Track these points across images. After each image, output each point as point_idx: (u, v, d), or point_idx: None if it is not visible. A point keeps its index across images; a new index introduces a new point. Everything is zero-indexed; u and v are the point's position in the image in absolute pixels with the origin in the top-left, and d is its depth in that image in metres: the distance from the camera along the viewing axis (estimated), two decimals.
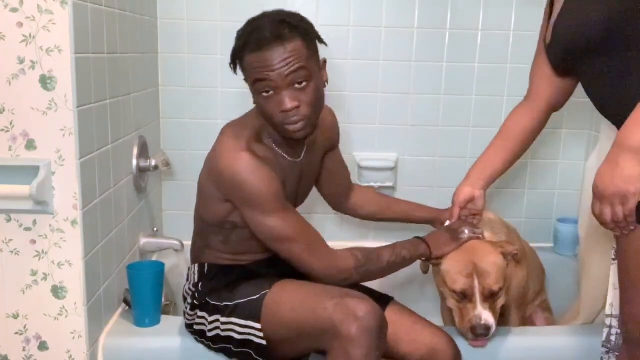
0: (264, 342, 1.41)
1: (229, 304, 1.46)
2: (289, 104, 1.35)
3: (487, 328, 1.51)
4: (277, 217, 1.41)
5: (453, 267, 1.55)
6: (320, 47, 1.64)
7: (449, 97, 2.26)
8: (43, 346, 1.51)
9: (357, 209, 1.87)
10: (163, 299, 1.72)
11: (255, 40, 1.35)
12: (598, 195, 1.20)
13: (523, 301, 1.82)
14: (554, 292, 2.06)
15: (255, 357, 1.44)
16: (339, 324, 1.29)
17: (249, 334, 1.42)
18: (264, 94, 1.37)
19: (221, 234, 1.53)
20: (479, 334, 1.51)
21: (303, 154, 1.56)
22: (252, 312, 1.42)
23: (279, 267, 1.57)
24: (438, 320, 1.80)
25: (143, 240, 1.97)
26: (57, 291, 1.48)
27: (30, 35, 1.36)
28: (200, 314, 1.52)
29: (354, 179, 2.25)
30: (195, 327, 1.54)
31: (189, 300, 1.56)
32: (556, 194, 2.37)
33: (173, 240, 1.99)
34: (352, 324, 1.28)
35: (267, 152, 1.47)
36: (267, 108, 1.38)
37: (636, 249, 1.26)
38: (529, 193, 2.36)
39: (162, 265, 1.71)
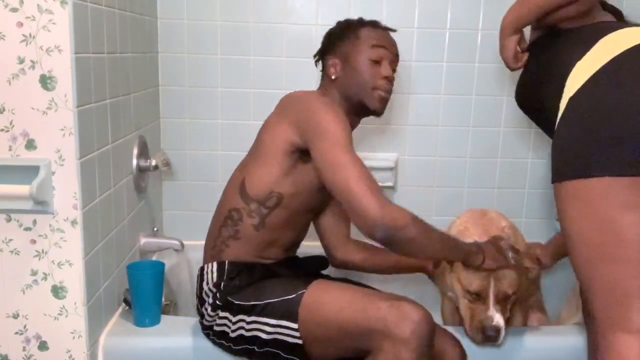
0: (299, 342, 1.40)
1: (258, 303, 1.45)
2: (390, 71, 1.60)
3: (498, 330, 1.50)
4: (345, 152, 1.39)
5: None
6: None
7: (449, 97, 2.26)
8: (43, 346, 1.51)
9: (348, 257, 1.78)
10: (163, 299, 1.72)
11: (374, 22, 1.65)
12: None
13: (524, 299, 1.81)
14: (553, 292, 2.06)
15: (285, 356, 1.43)
16: (393, 325, 1.29)
17: (281, 333, 1.41)
18: (372, 60, 1.57)
19: (258, 214, 1.51)
20: (489, 335, 1.50)
21: None
22: (287, 312, 1.41)
23: (301, 269, 1.60)
24: (438, 321, 1.79)
25: (143, 240, 1.96)
26: (57, 291, 1.48)
27: (30, 35, 1.36)
28: (222, 314, 1.50)
29: None
30: (216, 328, 1.51)
31: (210, 301, 1.52)
32: None
33: (173, 240, 2.00)
34: (407, 326, 1.28)
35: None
36: (370, 72, 1.57)
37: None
38: (529, 193, 2.36)
39: (162, 265, 1.71)
